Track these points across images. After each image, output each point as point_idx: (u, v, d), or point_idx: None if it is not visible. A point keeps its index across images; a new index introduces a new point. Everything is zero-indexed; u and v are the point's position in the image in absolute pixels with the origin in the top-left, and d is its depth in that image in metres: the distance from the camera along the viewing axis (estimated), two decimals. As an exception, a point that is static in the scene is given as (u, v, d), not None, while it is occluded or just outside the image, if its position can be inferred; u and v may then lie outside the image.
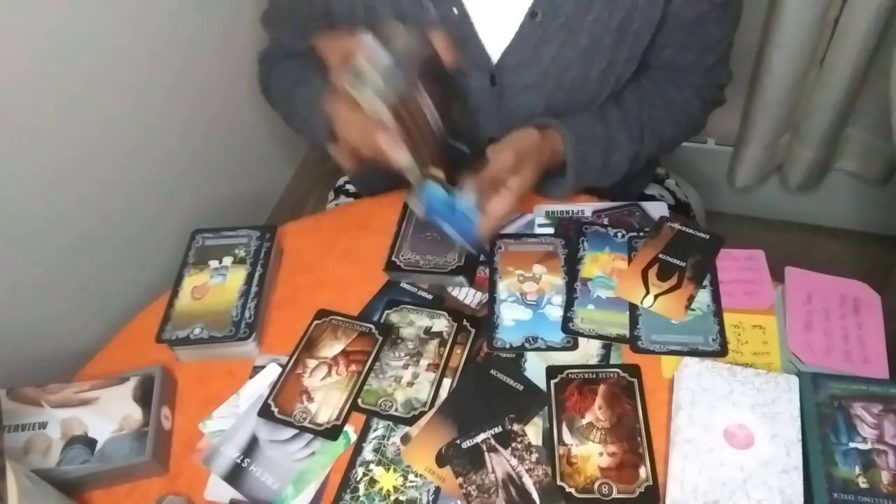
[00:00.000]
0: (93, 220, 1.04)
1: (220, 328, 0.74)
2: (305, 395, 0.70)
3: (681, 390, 0.66)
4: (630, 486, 0.62)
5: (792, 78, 1.26)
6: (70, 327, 1.01)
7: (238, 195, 1.41)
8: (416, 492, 0.64)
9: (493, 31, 0.78)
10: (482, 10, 0.77)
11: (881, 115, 1.27)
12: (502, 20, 0.77)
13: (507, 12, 0.77)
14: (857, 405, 0.63)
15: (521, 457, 0.63)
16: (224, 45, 1.25)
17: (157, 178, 1.16)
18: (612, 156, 0.83)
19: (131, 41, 1.05)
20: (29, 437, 0.68)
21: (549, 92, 0.81)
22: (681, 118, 0.88)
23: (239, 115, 1.32)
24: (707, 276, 0.75)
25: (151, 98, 1.11)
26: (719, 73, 0.91)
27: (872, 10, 1.12)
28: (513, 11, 0.76)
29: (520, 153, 0.73)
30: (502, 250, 0.80)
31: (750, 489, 0.60)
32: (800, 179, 1.46)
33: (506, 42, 0.78)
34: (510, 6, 0.76)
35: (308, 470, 0.67)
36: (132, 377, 0.72)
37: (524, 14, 0.76)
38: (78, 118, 0.98)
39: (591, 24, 0.76)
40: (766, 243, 0.78)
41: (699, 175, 1.55)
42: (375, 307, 0.78)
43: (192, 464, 0.69)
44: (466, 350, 0.73)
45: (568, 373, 0.69)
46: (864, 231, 1.60)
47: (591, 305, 0.74)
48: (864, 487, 0.59)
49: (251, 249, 0.82)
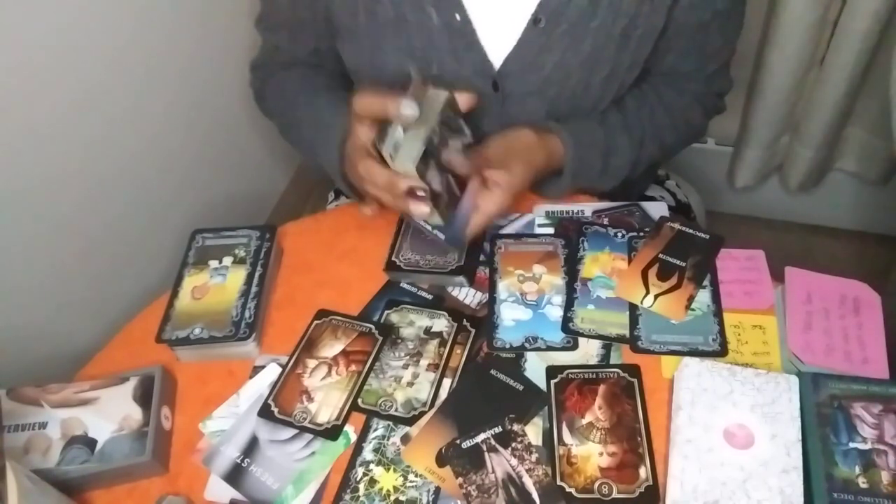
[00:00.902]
0: (93, 221, 1.04)
1: (220, 328, 0.74)
2: (305, 395, 0.70)
3: (681, 390, 0.66)
4: (630, 486, 0.62)
5: (792, 78, 1.26)
6: (70, 327, 1.01)
7: (238, 195, 1.41)
8: (416, 492, 0.64)
9: (495, 37, 0.78)
10: (485, 16, 0.76)
11: (881, 115, 1.27)
12: (505, 26, 0.77)
13: (509, 18, 0.76)
14: (857, 405, 0.63)
15: (521, 457, 0.63)
16: (224, 45, 1.25)
17: (157, 178, 1.16)
18: (611, 160, 0.83)
19: (131, 42, 1.05)
20: (29, 437, 0.68)
21: (552, 98, 0.81)
22: (681, 125, 0.88)
23: (239, 115, 1.32)
24: (707, 276, 0.75)
25: (152, 98, 1.11)
26: (720, 81, 0.91)
27: (872, 10, 1.12)
28: (515, 17, 0.76)
29: (510, 148, 0.73)
30: (502, 250, 0.80)
31: (750, 489, 0.60)
32: (800, 179, 1.46)
33: (508, 48, 0.78)
34: (513, 12, 0.76)
35: (308, 470, 0.67)
36: (132, 377, 0.72)
37: (527, 20, 0.76)
38: (78, 118, 0.98)
39: (595, 30, 0.76)
40: (766, 243, 0.78)
41: (699, 175, 1.55)
42: (375, 307, 0.78)
43: (192, 464, 0.69)
44: (466, 350, 0.73)
45: (568, 373, 0.69)
46: (864, 231, 1.60)
47: (591, 305, 0.74)
48: (864, 487, 0.59)
49: (251, 249, 0.82)
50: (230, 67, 1.24)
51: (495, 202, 0.72)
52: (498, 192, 0.72)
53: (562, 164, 0.80)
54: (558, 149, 0.79)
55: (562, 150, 0.79)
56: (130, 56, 1.05)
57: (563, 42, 0.76)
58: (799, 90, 1.30)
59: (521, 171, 0.74)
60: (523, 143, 0.76)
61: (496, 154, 0.72)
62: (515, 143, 0.75)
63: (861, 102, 1.32)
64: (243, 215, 1.42)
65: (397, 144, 0.66)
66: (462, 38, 0.77)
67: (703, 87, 0.89)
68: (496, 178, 0.72)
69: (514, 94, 0.81)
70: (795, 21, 1.16)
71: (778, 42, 1.20)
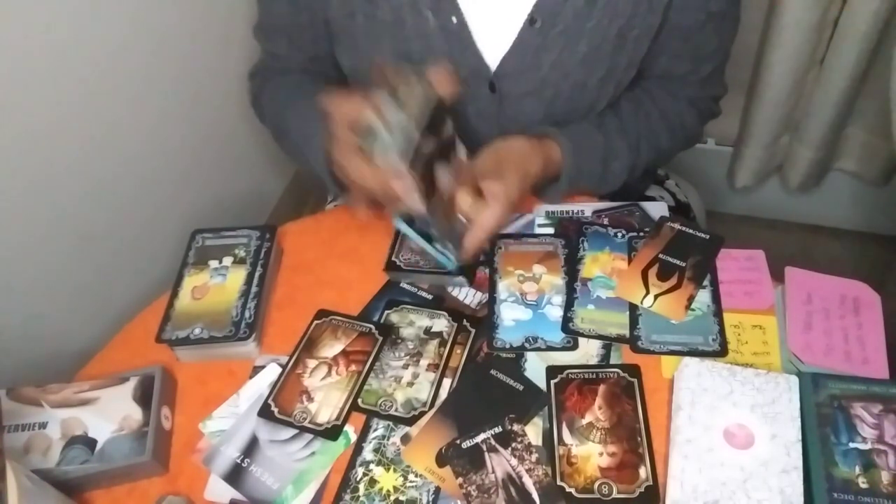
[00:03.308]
0: (93, 220, 1.04)
1: (220, 328, 0.74)
2: (305, 395, 0.70)
3: (681, 390, 0.66)
4: (630, 487, 0.62)
5: (792, 78, 1.26)
6: (70, 327, 1.01)
7: (238, 195, 1.41)
8: (416, 492, 0.64)
9: (492, 39, 0.78)
10: (481, 18, 0.76)
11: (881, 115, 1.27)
12: (501, 27, 0.77)
13: (505, 19, 0.76)
14: (857, 405, 0.63)
15: (521, 457, 0.63)
16: (224, 44, 1.25)
17: (157, 177, 1.16)
18: (611, 164, 0.83)
19: (131, 40, 1.05)
20: (29, 437, 0.68)
21: (549, 99, 0.81)
22: (676, 128, 0.88)
23: (239, 114, 1.32)
24: (707, 276, 0.75)
25: (152, 98, 1.11)
26: (714, 85, 0.90)
27: (872, 10, 1.13)
28: (512, 18, 0.76)
29: (501, 158, 0.72)
30: (502, 250, 0.80)
31: (750, 489, 0.60)
32: (800, 179, 1.47)
33: (505, 49, 0.78)
34: (509, 13, 0.76)
35: (308, 470, 0.67)
36: (132, 377, 0.72)
37: (523, 21, 0.76)
38: (78, 119, 0.98)
39: (591, 30, 0.76)
40: (766, 243, 0.78)
41: (699, 175, 1.55)
42: (375, 307, 0.78)
43: (192, 464, 0.69)
44: (466, 350, 0.73)
45: (568, 373, 0.69)
46: (864, 231, 1.60)
47: (591, 305, 0.74)
48: (864, 487, 0.59)
49: (251, 249, 0.82)
50: (230, 67, 1.24)
51: (493, 215, 0.70)
52: (495, 205, 0.70)
53: (560, 169, 0.80)
54: (556, 154, 0.79)
55: (559, 155, 0.79)
56: (130, 56, 1.05)
57: (559, 43, 0.76)
58: (799, 90, 1.30)
59: (516, 180, 0.72)
60: (516, 151, 0.75)
61: (488, 165, 0.71)
62: (508, 152, 0.74)
63: (861, 102, 1.32)
64: (243, 215, 1.42)
65: (380, 139, 0.65)
66: (458, 40, 0.77)
67: (698, 91, 0.88)
68: (492, 189, 0.70)
69: (511, 96, 0.81)
70: (795, 21, 1.17)
71: (778, 42, 1.20)
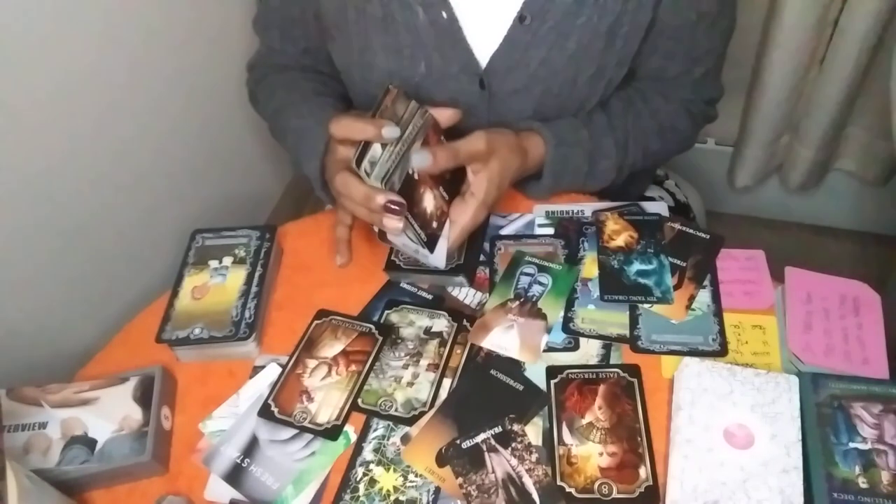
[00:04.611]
0: (93, 221, 1.04)
1: (220, 328, 0.74)
2: (305, 395, 0.70)
3: (681, 390, 0.66)
4: (630, 486, 0.62)
5: (792, 78, 1.26)
6: (70, 327, 1.01)
7: (238, 195, 1.41)
8: (416, 492, 0.64)
9: (481, 35, 0.77)
10: (471, 14, 0.76)
11: (881, 115, 1.27)
12: (491, 24, 0.77)
13: (495, 16, 0.76)
14: (857, 405, 0.63)
15: (521, 457, 0.63)
16: (224, 43, 1.25)
17: (156, 178, 1.16)
18: (598, 160, 0.82)
19: (129, 39, 1.05)
20: (29, 437, 0.68)
21: (538, 96, 0.80)
22: (667, 130, 0.87)
23: (239, 114, 1.32)
24: (707, 276, 0.75)
25: (151, 98, 1.11)
26: (708, 88, 0.89)
27: (872, 10, 1.13)
28: (501, 15, 0.76)
29: (491, 143, 0.72)
30: (502, 251, 0.80)
31: (750, 489, 0.60)
32: (800, 179, 1.47)
33: (494, 46, 0.78)
34: (499, 10, 0.76)
35: (308, 470, 0.67)
36: (132, 377, 0.72)
37: (513, 18, 0.76)
38: (77, 118, 0.98)
39: (580, 27, 0.75)
40: (766, 243, 0.78)
41: (699, 175, 1.55)
42: (375, 307, 0.78)
43: (192, 464, 0.69)
44: (466, 350, 0.73)
45: (568, 373, 0.69)
46: (864, 231, 1.60)
47: (592, 305, 0.74)
48: (864, 487, 0.59)
49: (251, 249, 0.82)
50: (230, 67, 1.24)
51: (468, 213, 0.71)
52: (472, 202, 0.71)
53: (542, 164, 0.80)
54: (538, 148, 0.79)
55: (542, 149, 0.79)
56: (130, 56, 1.05)
57: (548, 39, 0.76)
58: (799, 90, 1.30)
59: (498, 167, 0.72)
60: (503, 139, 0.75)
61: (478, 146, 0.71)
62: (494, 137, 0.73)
63: (861, 102, 1.32)
64: (243, 215, 1.42)
65: (375, 160, 0.66)
66: (448, 35, 0.77)
67: (690, 94, 0.88)
68: (475, 189, 0.71)
69: (501, 92, 0.81)
70: (795, 21, 1.17)
71: (778, 42, 1.20)
